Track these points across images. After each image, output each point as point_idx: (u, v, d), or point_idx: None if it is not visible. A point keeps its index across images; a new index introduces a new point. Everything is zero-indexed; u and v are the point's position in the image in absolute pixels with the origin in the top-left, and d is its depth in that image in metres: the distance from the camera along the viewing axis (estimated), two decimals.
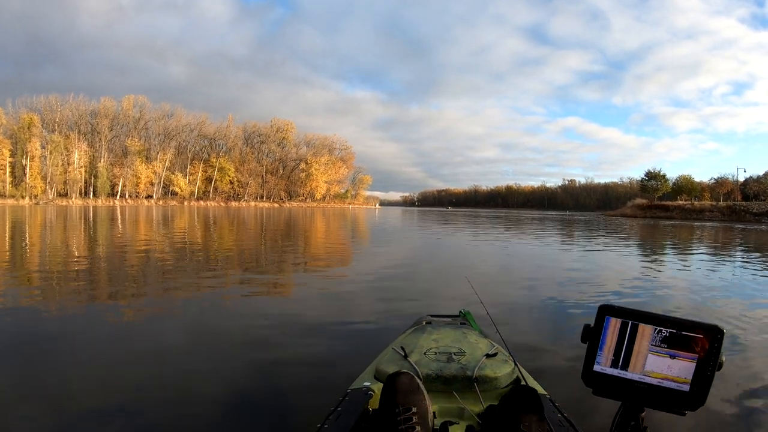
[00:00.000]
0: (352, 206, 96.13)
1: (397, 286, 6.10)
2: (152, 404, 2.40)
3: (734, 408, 2.43)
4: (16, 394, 2.50)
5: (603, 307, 0.92)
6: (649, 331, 0.88)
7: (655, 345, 0.88)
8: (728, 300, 5.64)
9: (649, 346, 0.88)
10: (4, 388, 2.57)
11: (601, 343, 0.91)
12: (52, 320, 4.04)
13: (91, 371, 2.83)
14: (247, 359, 3.10)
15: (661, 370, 0.88)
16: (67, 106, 75.89)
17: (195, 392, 2.56)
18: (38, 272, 6.70)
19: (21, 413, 2.29)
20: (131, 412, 2.29)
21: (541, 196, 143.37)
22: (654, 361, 0.88)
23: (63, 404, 2.38)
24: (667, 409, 0.88)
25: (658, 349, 0.88)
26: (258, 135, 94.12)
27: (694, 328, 0.86)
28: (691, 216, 54.42)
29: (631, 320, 0.90)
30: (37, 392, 2.50)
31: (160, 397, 2.49)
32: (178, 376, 2.79)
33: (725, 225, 36.79)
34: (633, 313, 0.90)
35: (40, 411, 2.30)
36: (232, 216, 32.69)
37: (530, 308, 4.90)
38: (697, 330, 0.86)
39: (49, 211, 33.66)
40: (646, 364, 0.89)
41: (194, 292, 5.45)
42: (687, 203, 61.57)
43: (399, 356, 1.85)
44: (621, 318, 0.90)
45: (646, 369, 0.89)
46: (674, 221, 44.24)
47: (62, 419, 2.24)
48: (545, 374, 2.64)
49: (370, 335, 3.68)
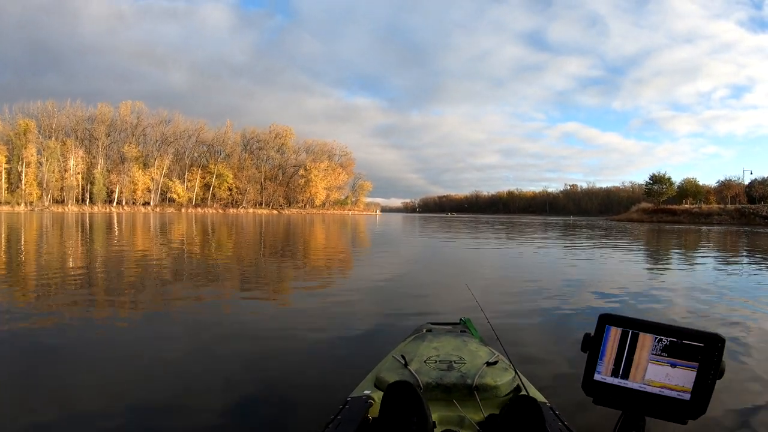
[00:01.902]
0: (352, 213, 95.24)
1: (396, 294, 6.07)
2: (152, 411, 2.41)
3: (736, 416, 2.39)
4: (17, 400, 2.49)
5: (603, 316, 0.92)
6: (650, 340, 0.88)
7: (656, 354, 0.88)
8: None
9: (650, 355, 0.88)
10: (5, 394, 2.59)
11: (601, 352, 0.91)
12: (49, 328, 4.05)
13: (90, 380, 2.81)
14: (247, 366, 3.10)
15: (662, 378, 0.88)
16: (64, 112, 75.14)
17: (193, 402, 2.55)
18: (34, 281, 6.51)
19: (24, 420, 2.28)
20: (130, 421, 2.29)
21: (543, 202, 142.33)
22: (654, 369, 0.88)
23: (65, 410, 2.38)
24: (668, 418, 0.88)
25: (659, 358, 0.88)
26: (257, 141, 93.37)
27: (694, 336, 0.86)
28: (699, 220, 53.41)
29: (631, 329, 0.90)
30: (39, 398, 2.51)
31: (160, 403, 2.50)
32: (177, 385, 2.78)
33: (738, 229, 35.77)
34: (633, 322, 0.90)
35: (44, 416, 2.31)
36: (230, 223, 32.76)
37: (531, 316, 4.80)
38: (697, 338, 0.86)
39: (44, 218, 33.69)
40: (646, 373, 0.88)
41: (192, 302, 5.36)
42: (695, 207, 60.47)
43: (399, 364, 1.85)
44: (621, 327, 0.90)
45: (646, 378, 0.89)
46: (683, 225, 43.27)
47: (64, 425, 2.25)
48: (546, 383, 2.62)
49: (369, 343, 3.67)
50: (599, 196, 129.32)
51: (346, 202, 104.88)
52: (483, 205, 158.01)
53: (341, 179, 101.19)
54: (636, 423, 0.90)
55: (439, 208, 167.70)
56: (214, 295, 5.80)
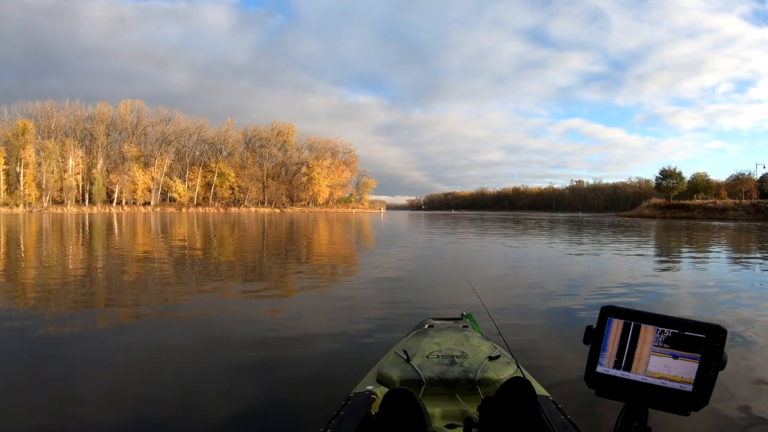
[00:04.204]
0: (356, 211, 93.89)
1: (398, 290, 6.07)
2: (156, 409, 2.41)
3: (738, 407, 2.31)
4: (22, 403, 2.48)
5: (605, 308, 0.92)
6: (652, 331, 0.88)
7: (658, 345, 0.88)
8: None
9: (652, 347, 0.88)
10: (10, 396, 2.57)
11: (603, 344, 0.91)
12: (53, 330, 4.00)
13: (94, 381, 2.81)
14: (250, 364, 3.14)
15: (664, 370, 0.87)
16: (62, 112, 73.96)
17: (197, 397, 2.57)
18: (34, 284, 6.49)
19: (29, 422, 2.28)
20: (135, 422, 2.29)
21: (549, 198, 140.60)
22: (657, 361, 0.88)
23: (70, 412, 2.39)
24: (671, 410, 0.88)
25: (661, 350, 0.87)
26: (259, 139, 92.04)
27: (696, 328, 0.86)
28: (714, 215, 51.73)
29: (633, 321, 0.89)
30: (44, 400, 2.50)
31: (164, 399, 2.52)
32: (181, 382, 2.80)
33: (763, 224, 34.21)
34: (635, 314, 0.90)
35: (49, 418, 2.32)
36: (232, 222, 32.19)
37: (533, 311, 4.81)
38: (699, 330, 0.85)
39: (42, 220, 33.21)
40: (648, 365, 0.88)
41: (195, 302, 5.37)
42: (708, 202, 58.77)
43: (401, 359, 1.84)
44: (623, 319, 0.90)
45: (648, 370, 0.88)
46: (700, 221, 41.71)
47: (69, 426, 2.26)
48: (548, 376, 2.57)
49: (372, 338, 3.63)
50: (606, 192, 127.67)
51: (350, 200, 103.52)
52: (489, 202, 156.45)
53: (345, 177, 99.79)
54: (638, 415, 0.90)
55: (444, 206, 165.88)
56: (217, 294, 5.86)
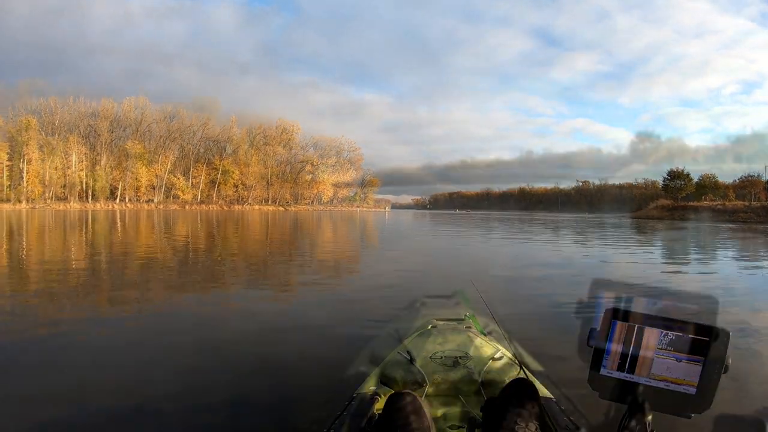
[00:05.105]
0: (361, 210, 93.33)
1: (401, 290, 6.03)
2: (159, 407, 2.41)
3: (741, 411, 2.19)
4: (25, 398, 2.50)
5: (609, 310, 0.91)
6: (655, 334, 0.87)
7: (661, 348, 0.87)
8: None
9: (656, 350, 0.87)
10: (14, 392, 2.61)
11: (607, 346, 0.90)
12: (54, 331, 4.04)
13: (100, 376, 2.85)
14: (254, 364, 3.20)
15: (668, 373, 0.87)
16: (66, 108, 73.76)
17: (200, 397, 2.55)
18: (39, 282, 6.49)
19: (33, 418, 2.30)
20: (138, 419, 2.30)
21: (555, 198, 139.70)
22: (660, 364, 0.87)
23: (77, 406, 2.41)
24: (674, 413, 0.87)
25: (664, 352, 0.87)
26: (263, 137, 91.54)
27: (700, 330, 0.85)
28: (724, 217, 50.86)
29: (637, 324, 0.88)
30: (50, 395, 2.52)
31: (167, 397, 2.53)
32: (183, 380, 2.84)
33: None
34: (639, 316, 0.89)
35: (56, 413, 2.34)
36: (236, 220, 32.29)
37: (537, 312, 4.83)
38: (703, 332, 0.85)
39: (45, 217, 33.28)
40: (652, 368, 0.87)
41: (198, 301, 5.34)
42: (718, 204, 57.91)
43: (404, 361, 1.82)
44: (627, 321, 0.89)
45: (652, 372, 0.88)
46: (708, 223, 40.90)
47: (76, 420, 2.29)
48: (551, 378, 2.66)
49: (375, 339, 3.62)
50: (611, 192, 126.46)
51: (355, 198, 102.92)
52: (494, 202, 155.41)
53: (349, 176, 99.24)
54: (642, 417, 0.89)
55: (450, 205, 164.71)
56: (220, 293, 5.89)
